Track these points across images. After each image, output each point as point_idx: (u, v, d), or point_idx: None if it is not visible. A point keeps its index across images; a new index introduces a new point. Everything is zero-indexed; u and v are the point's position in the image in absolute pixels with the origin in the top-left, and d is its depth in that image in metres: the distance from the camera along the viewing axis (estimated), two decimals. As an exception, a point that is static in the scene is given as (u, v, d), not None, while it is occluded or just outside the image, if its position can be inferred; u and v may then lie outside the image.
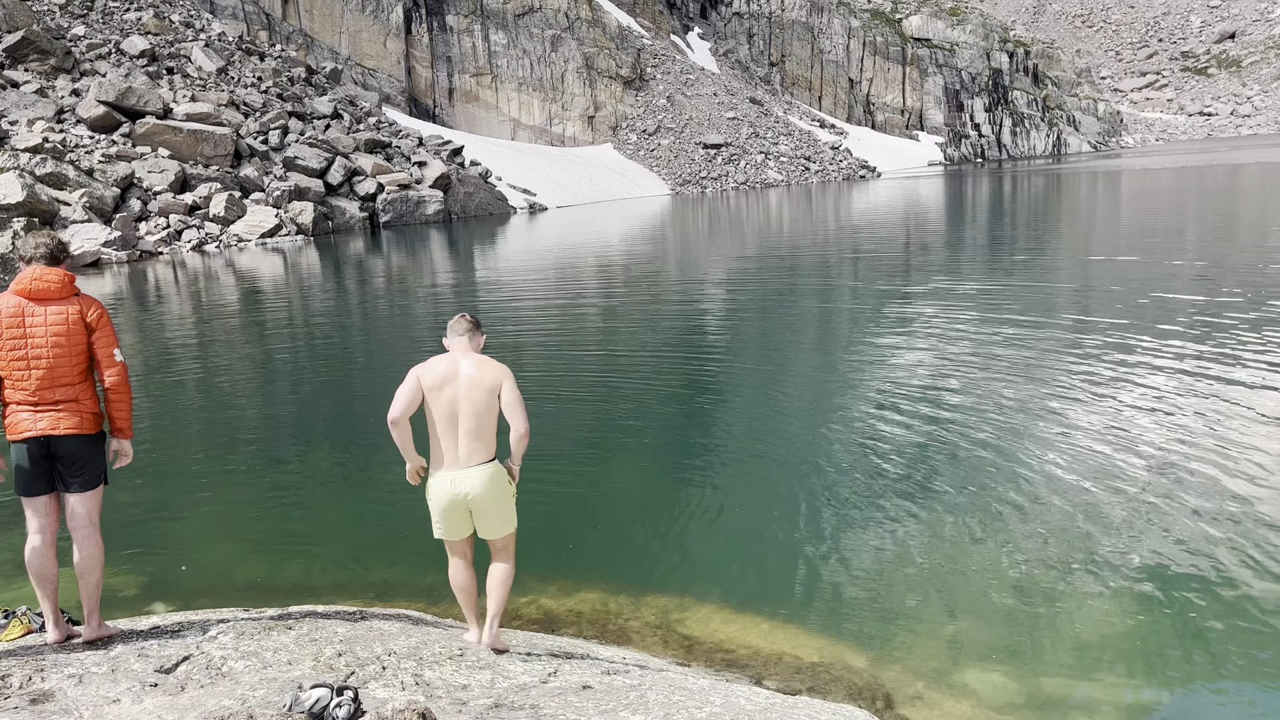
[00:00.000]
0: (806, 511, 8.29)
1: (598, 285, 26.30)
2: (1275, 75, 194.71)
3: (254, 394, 14.22)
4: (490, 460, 4.94)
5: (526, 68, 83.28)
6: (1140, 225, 33.76)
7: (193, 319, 22.37)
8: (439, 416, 4.87)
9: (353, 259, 36.73)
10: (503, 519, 5.03)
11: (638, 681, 4.64)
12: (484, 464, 4.90)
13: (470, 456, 4.87)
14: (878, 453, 9.79)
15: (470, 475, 4.85)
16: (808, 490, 8.79)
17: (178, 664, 4.49)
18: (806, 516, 8.18)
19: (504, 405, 4.90)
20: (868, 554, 7.44)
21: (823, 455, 9.83)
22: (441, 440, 4.89)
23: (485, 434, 4.89)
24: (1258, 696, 5.44)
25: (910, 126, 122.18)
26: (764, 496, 8.67)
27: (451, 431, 4.86)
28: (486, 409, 4.87)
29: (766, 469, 9.51)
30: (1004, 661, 5.92)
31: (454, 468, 4.87)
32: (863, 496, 8.64)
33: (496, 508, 4.96)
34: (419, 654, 4.80)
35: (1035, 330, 15.26)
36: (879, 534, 7.81)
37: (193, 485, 9.91)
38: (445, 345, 5.20)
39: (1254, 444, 9.32)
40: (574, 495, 8.98)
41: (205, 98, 51.71)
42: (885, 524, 8.00)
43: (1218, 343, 13.47)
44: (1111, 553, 7.18)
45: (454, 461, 4.87)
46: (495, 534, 5.06)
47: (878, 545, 7.59)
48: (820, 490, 8.80)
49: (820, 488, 8.86)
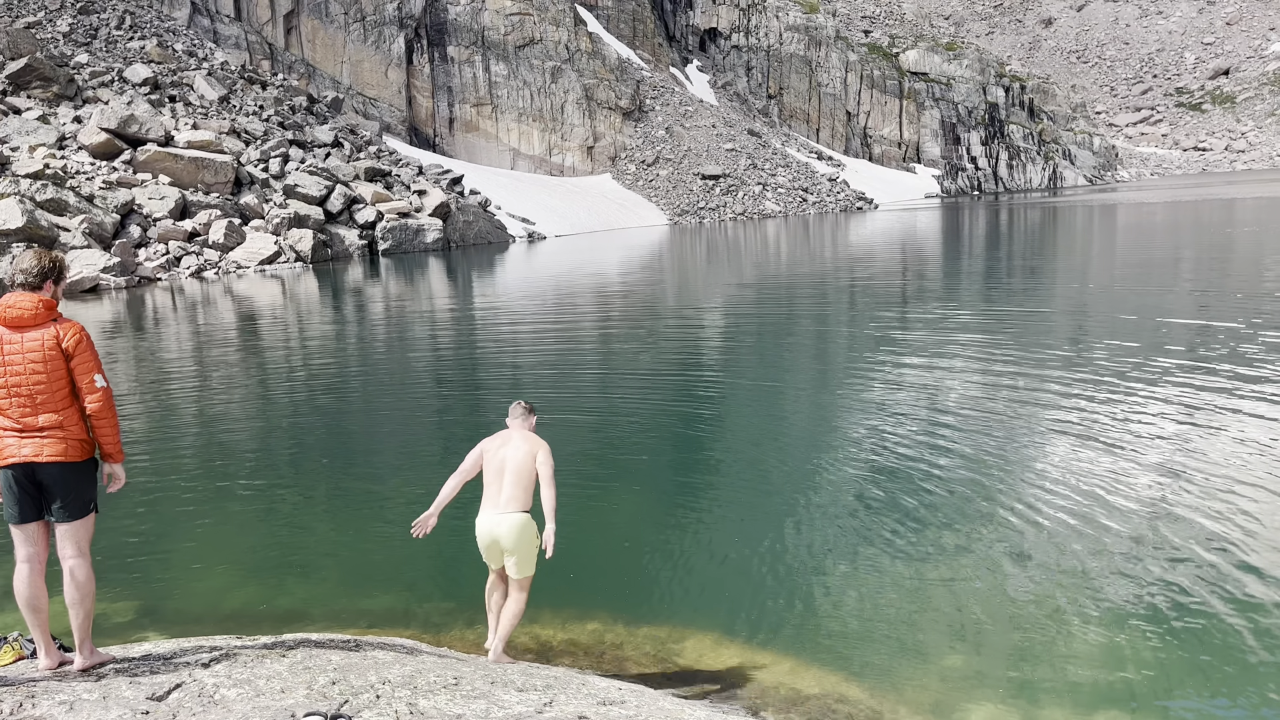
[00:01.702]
0: (805, 542, 8.25)
1: (596, 314, 26.34)
2: (1269, 111, 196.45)
3: (250, 420, 14.19)
4: (524, 511, 5.91)
5: (526, 98, 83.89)
6: (1136, 258, 33.91)
7: (190, 345, 22.35)
8: (491, 470, 6.07)
9: (351, 286, 36.80)
10: (522, 563, 5.95)
11: (634, 713, 4.60)
12: (518, 513, 5.90)
13: (509, 503, 5.91)
14: (876, 484, 9.77)
15: (505, 519, 5.88)
16: (806, 521, 8.76)
17: (170, 691, 4.45)
18: (805, 547, 8.15)
19: (539, 466, 6.04)
20: (865, 586, 7.40)
21: (820, 486, 9.80)
22: (489, 487, 6.03)
23: (524, 487, 5.97)
24: (1258, 731, 5.40)
25: (907, 159, 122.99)
26: (761, 527, 8.64)
27: (497, 481, 6.01)
28: (528, 470, 6.01)
29: (764, 499, 9.48)
30: (1002, 694, 5.88)
31: (494, 510, 5.93)
32: (861, 528, 8.61)
33: (520, 552, 5.91)
34: (413, 683, 4.76)
35: (1032, 362, 15.27)
36: (876, 566, 7.77)
37: (187, 511, 9.86)
38: (507, 424, 6.47)
39: (1252, 475, 9.31)
40: (571, 524, 8.94)
41: (207, 125, 52.03)
42: (883, 556, 7.97)
43: (1213, 373, 13.49)
44: (1110, 585, 7.15)
45: (495, 505, 5.95)
46: (515, 574, 5.99)
47: (875, 577, 7.55)
48: (818, 521, 8.77)
49: (818, 519, 8.83)
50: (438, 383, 17.10)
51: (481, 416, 14.25)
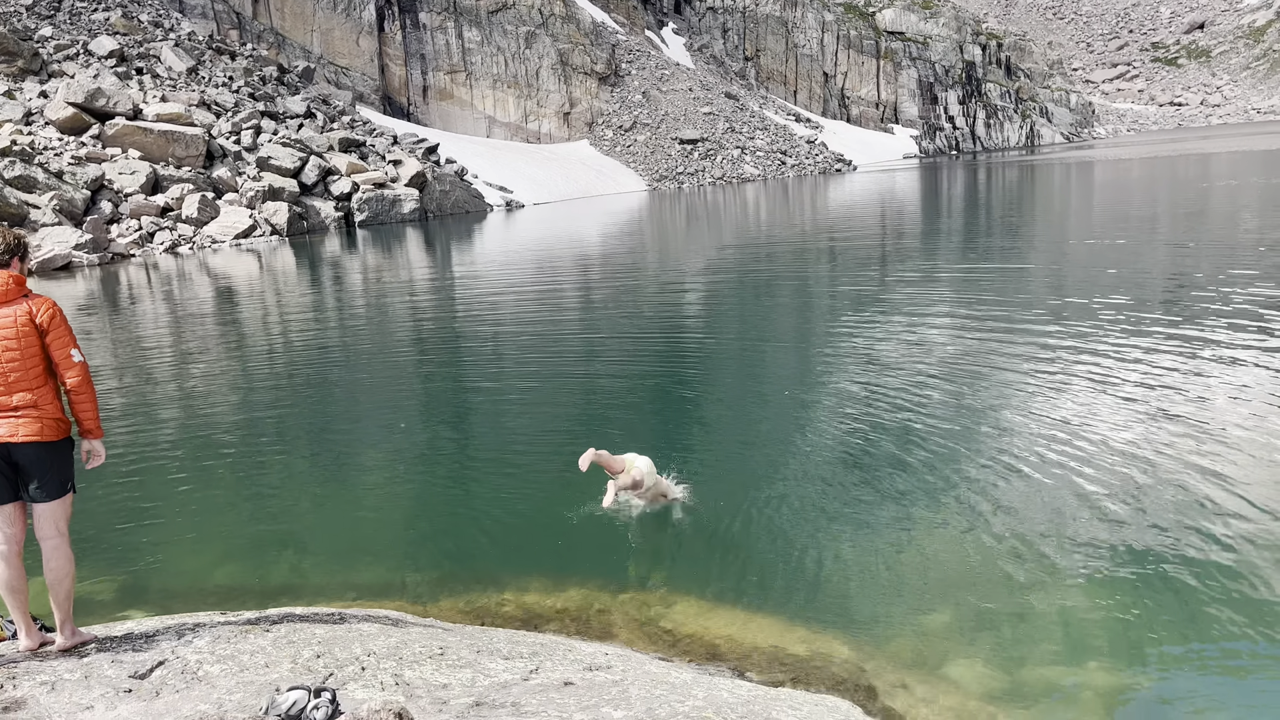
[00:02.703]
0: (788, 504, 8.28)
1: (577, 281, 26.23)
2: (1244, 65, 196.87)
3: (229, 396, 14.08)
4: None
5: (501, 64, 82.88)
6: (1114, 214, 34.02)
7: (167, 321, 22.12)
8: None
9: (329, 259, 36.47)
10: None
11: (620, 677, 4.62)
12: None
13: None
14: (860, 445, 9.81)
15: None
16: (789, 482, 8.79)
17: (152, 669, 4.43)
18: (788, 509, 8.18)
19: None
20: (850, 546, 7.44)
21: (803, 448, 9.83)
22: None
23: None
24: (1236, 682, 5.48)
25: (885, 120, 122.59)
26: (745, 489, 8.66)
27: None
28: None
29: (747, 461, 9.50)
30: (986, 651, 5.94)
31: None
32: (845, 488, 8.64)
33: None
34: (399, 654, 4.75)
35: (1014, 319, 15.33)
36: (861, 526, 7.82)
37: (168, 488, 9.79)
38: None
39: (1232, 430, 9.41)
40: (555, 491, 8.94)
41: (176, 98, 51.15)
42: (868, 516, 8.01)
43: (1191, 324, 13.59)
44: (1091, 542, 7.22)
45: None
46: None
47: (860, 537, 7.60)
48: (802, 482, 8.80)
49: (802, 480, 8.86)
50: (420, 354, 17.01)
51: (465, 387, 14.19)
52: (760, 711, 4.02)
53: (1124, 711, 5.30)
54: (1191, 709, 5.26)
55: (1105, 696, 5.42)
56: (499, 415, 12.28)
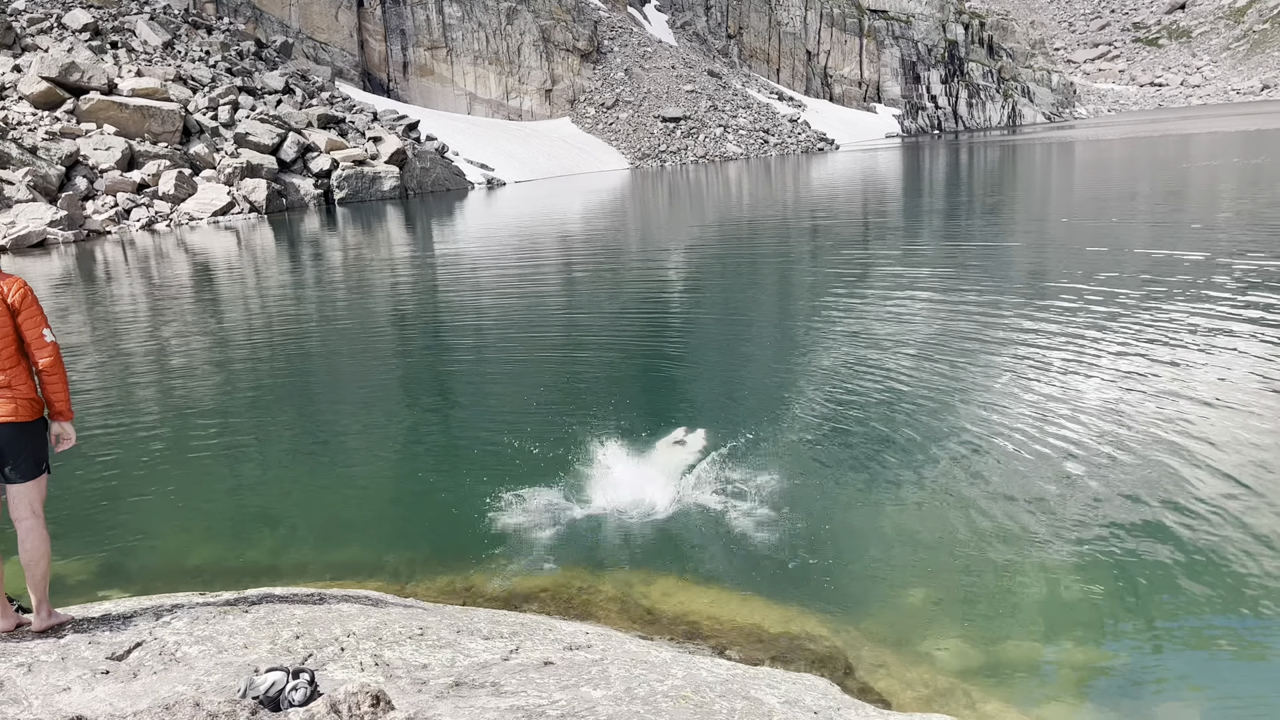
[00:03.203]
0: (767, 483, 8.31)
1: (559, 259, 26.14)
2: (1224, 46, 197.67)
3: (208, 375, 13.98)
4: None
5: (482, 41, 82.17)
6: (1095, 194, 34.18)
7: (144, 299, 21.91)
8: None
9: (309, 237, 36.18)
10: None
11: (600, 656, 4.63)
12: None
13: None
14: (840, 425, 9.85)
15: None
16: (769, 461, 8.82)
17: (130, 650, 4.41)
18: (768, 488, 8.21)
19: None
20: (830, 525, 7.49)
21: (784, 428, 9.86)
22: None
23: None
24: (1209, 657, 5.56)
25: (868, 98, 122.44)
26: (725, 468, 8.68)
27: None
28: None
29: (728, 439, 9.52)
30: (964, 629, 6.00)
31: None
32: (824, 467, 8.68)
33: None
34: (378, 634, 4.75)
35: (994, 299, 15.40)
36: (841, 506, 7.86)
37: (146, 468, 9.73)
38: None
39: (1208, 407, 9.50)
40: (536, 469, 8.94)
41: (151, 72, 50.45)
42: (847, 496, 8.06)
43: (1169, 301, 13.70)
44: (1066, 520, 7.29)
45: None
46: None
47: (839, 516, 7.64)
48: (782, 463, 8.83)
49: (782, 460, 8.89)
50: (400, 333, 16.93)
51: (445, 366, 14.15)
52: (739, 690, 4.05)
53: (1098, 687, 5.37)
54: (1164, 685, 5.34)
55: (1081, 673, 5.49)
56: (480, 394, 12.26)
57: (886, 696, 5.36)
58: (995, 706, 5.26)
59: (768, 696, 4.01)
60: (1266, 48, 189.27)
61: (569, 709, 3.55)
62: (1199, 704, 5.16)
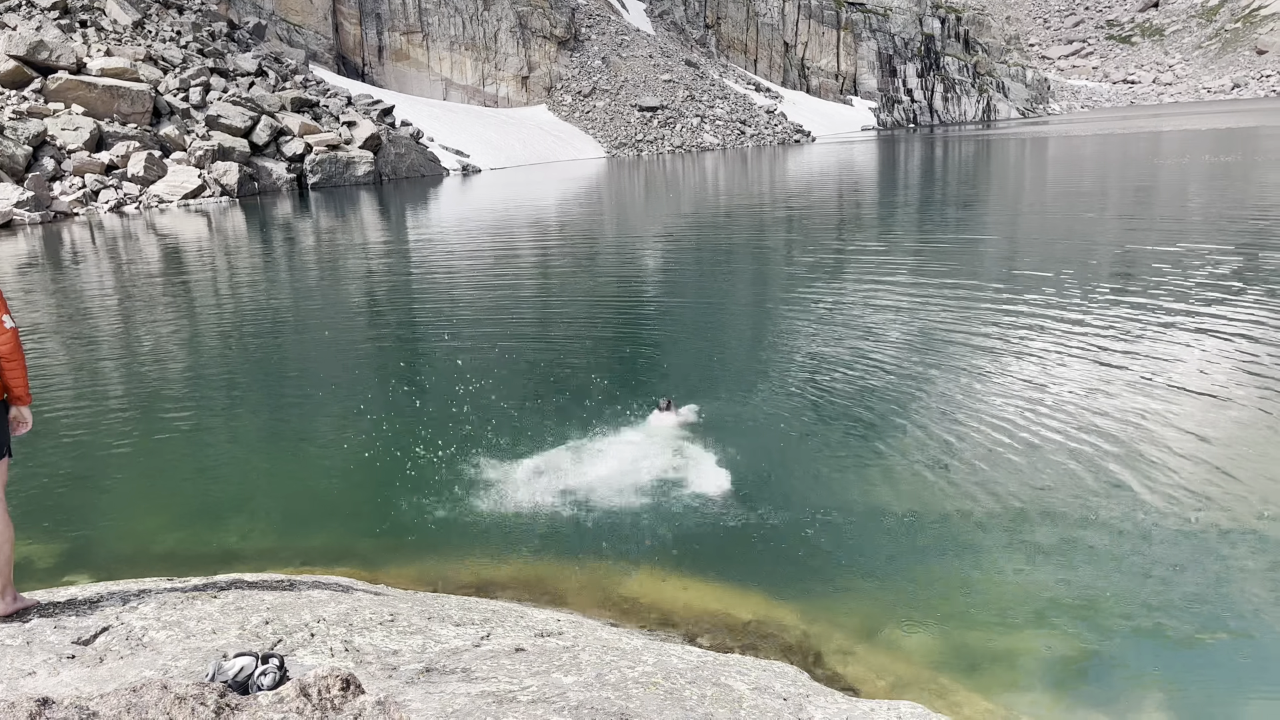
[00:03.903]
0: (739, 472, 8.35)
1: (534, 247, 26.05)
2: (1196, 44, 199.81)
3: (177, 359, 13.83)
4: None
5: (458, 26, 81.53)
6: (1068, 189, 34.49)
7: (112, 282, 21.63)
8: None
9: (280, 221, 35.83)
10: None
11: (571, 643, 4.64)
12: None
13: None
14: (811, 414, 9.90)
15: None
16: (740, 451, 8.85)
17: (96, 635, 4.36)
18: (739, 477, 8.24)
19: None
20: (801, 514, 7.53)
21: (755, 418, 9.90)
22: None
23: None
24: (1172, 644, 5.65)
25: (844, 91, 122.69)
26: (697, 456, 8.71)
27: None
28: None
29: (700, 428, 9.54)
30: (932, 618, 6.06)
31: None
32: (796, 458, 8.73)
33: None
34: (349, 620, 4.73)
35: (966, 289, 15.51)
36: (812, 494, 7.91)
37: (114, 451, 9.62)
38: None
39: (1177, 398, 9.63)
40: (508, 457, 8.92)
41: (121, 52, 49.68)
42: (818, 484, 8.11)
43: (1139, 294, 13.86)
44: (1034, 511, 7.38)
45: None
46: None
47: (810, 505, 7.69)
48: (752, 451, 8.86)
49: (752, 448, 8.93)
50: (372, 319, 16.82)
51: (418, 352, 14.08)
52: (709, 677, 4.07)
53: (1064, 675, 5.44)
54: (1130, 672, 5.42)
55: (1047, 661, 5.57)
56: (453, 380, 12.21)
57: (855, 684, 5.41)
58: (962, 694, 5.32)
59: (737, 683, 4.03)
60: (1237, 47, 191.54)
61: (540, 695, 3.56)
62: (1164, 691, 5.25)
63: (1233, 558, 6.48)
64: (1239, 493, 7.46)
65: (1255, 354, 11.06)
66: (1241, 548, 6.61)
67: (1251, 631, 5.67)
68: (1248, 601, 5.96)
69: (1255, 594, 6.03)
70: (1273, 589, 6.08)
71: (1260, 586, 6.11)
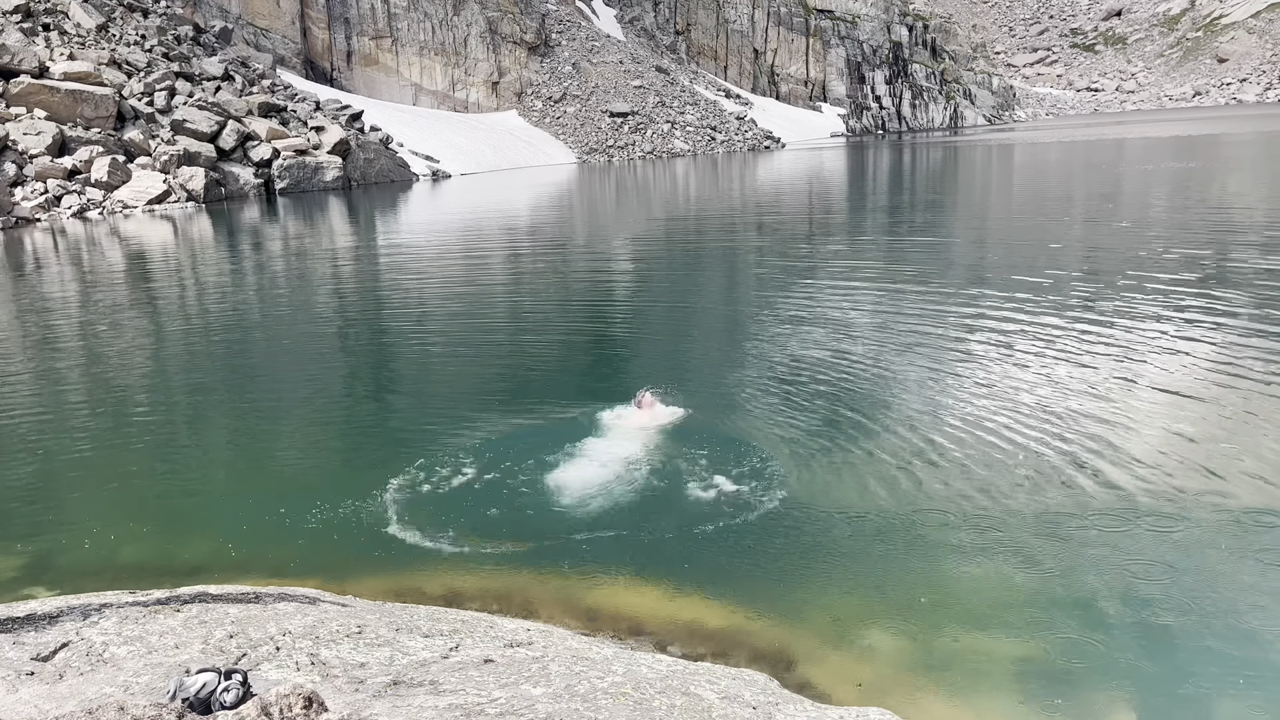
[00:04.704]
0: (707, 479, 8.35)
1: (504, 254, 25.95)
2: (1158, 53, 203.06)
3: (142, 369, 13.64)
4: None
5: (428, 31, 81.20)
6: (1034, 195, 34.88)
7: (75, 289, 21.30)
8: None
9: (247, 227, 35.47)
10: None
11: (541, 653, 4.61)
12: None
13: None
14: (783, 418, 9.92)
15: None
16: (708, 458, 8.86)
17: (56, 651, 4.28)
18: (707, 484, 8.25)
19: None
20: (769, 521, 7.54)
21: (722, 423, 9.90)
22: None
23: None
24: (1139, 647, 5.71)
25: (814, 98, 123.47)
26: (665, 464, 8.70)
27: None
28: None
29: (670, 434, 9.54)
30: (902, 624, 6.08)
31: None
32: (763, 464, 8.74)
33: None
34: (315, 633, 4.67)
35: (936, 296, 15.62)
36: (780, 500, 7.92)
37: (76, 461, 9.46)
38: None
39: (1140, 401, 9.75)
40: (477, 465, 8.87)
41: (85, 56, 49.03)
42: (786, 491, 8.12)
43: (1100, 301, 14.03)
44: (1001, 515, 7.43)
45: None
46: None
47: (779, 512, 7.70)
48: (720, 458, 8.87)
49: (720, 456, 8.93)
50: (340, 328, 16.68)
51: (386, 361, 13.97)
52: (679, 686, 4.06)
53: (1033, 680, 5.48)
54: (1096, 675, 5.47)
55: (1016, 666, 5.61)
56: (421, 388, 12.14)
57: (825, 691, 5.42)
58: (932, 700, 5.35)
59: (707, 692, 4.02)
60: (1199, 55, 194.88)
61: (508, 707, 3.53)
62: (1131, 692, 5.30)
63: (1202, 558, 6.56)
64: (1207, 492, 7.56)
65: (1222, 353, 11.22)
66: (1210, 549, 6.69)
67: (1219, 631, 5.74)
68: (1216, 602, 6.04)
69: (1224, 594, 6.11)
70: (1240, 588, 6.16)
71: (1229, 586, 6.19)
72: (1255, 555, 6.58)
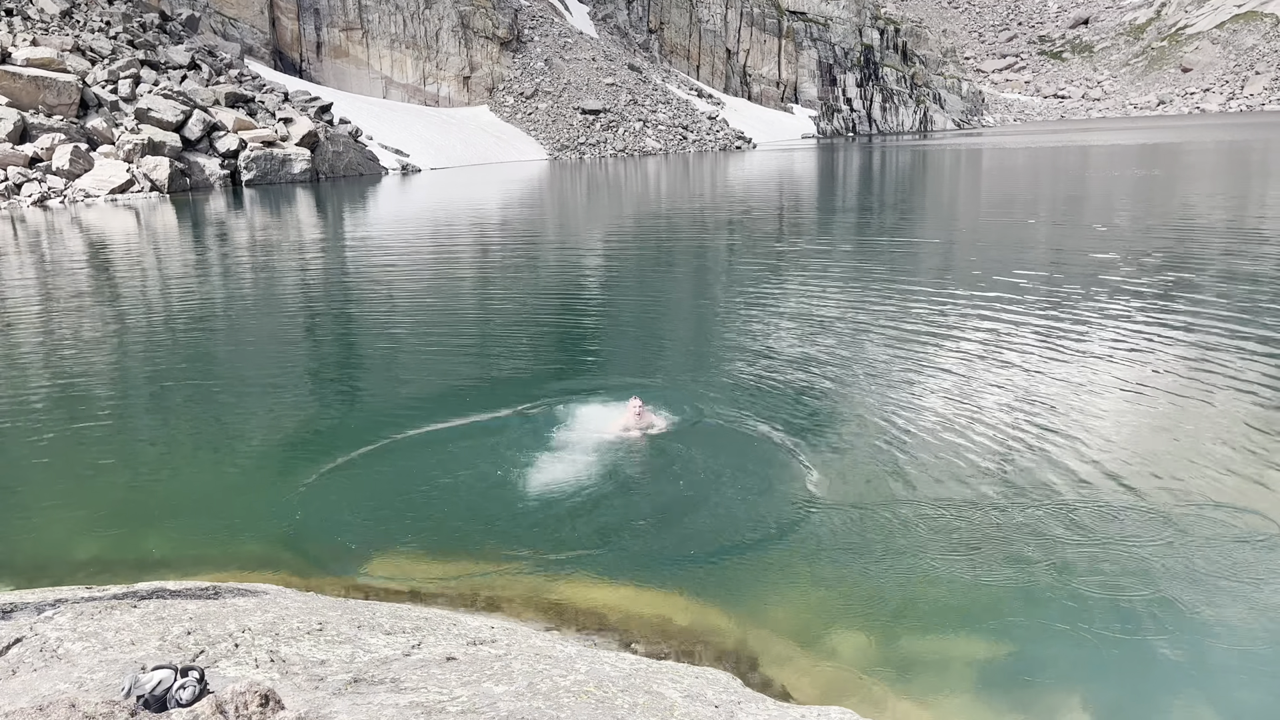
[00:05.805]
0: (675, 477, 8.35)
1: (473, 249, 25.82)
2: (1124, 61, 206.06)
3: (99, 360, 13.42)
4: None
5: (399, 24, 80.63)
6: (1002, 198, 35.25)
7: (34, 278, 20.93)
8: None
9: (213, 219, 35.02)
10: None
11: (504, 651, 4.59)
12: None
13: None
14: (747, 418, 9.94)
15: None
16: (676, 456, 8.87)
17: (9, 647, 4.20)
18: (675, 482, 8.25)
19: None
20: (736, 519, 7.56)
21: (691, 422, 9.91)
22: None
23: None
24: (1101, 648, 5.78)
25: (785, 99, 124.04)
26: (634, 463, 8.70)
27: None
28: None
29: (638, 437, 9.53)
30: (866, 623, 6.12)
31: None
32: (731, 462, 8.76)
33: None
34: (275, 630, 4.62)
35: (904, 295, 15.74)
36: (747, 499, 7.94)
37: (30, 454, 9.29)
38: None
39: (1105, 401, 9.88)
40: (443, 461, 8.82)
41: (48, 42, 48.19)
42: (753, 489, 8.14)
43: (1069, 304, 14.21)
44: (966, 515, 7.50)
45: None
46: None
47: (745, 511, 7.72)
48: (688, 456, 8.88)
49: (688, 453, 8.94)
50: (304, 319, 16.51)
51: (350, 354, 13.86)
52: (642, 685, 4.06)
53: (995, 680, 5.54)
54: (1058, 676, 5.53)
55: (978, 666, 5.66)
56: (386, 381, 12.05)
57: (789, 690, 5.44)
58: (894, 699, 5.38)
59: (670, 690, 4.03)
60: (1163, 64, 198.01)
61: (469, 705, 3.51)
62: (1093, 693, 5.36)
63: (1167, 559, 6.66)
64: (1172, 492, 7.67)
65: (1187, 352, 11.40)
66: (1178, 549, 6.79)
67: (1183, 631, 5.82)
68: (1180, 602, 6.13)
69: (1187, 595, 6.20)
70: (1203, 589, 6.25)
71: (1192, 588, 6.28)
72: (1220, 555, 6.68)
